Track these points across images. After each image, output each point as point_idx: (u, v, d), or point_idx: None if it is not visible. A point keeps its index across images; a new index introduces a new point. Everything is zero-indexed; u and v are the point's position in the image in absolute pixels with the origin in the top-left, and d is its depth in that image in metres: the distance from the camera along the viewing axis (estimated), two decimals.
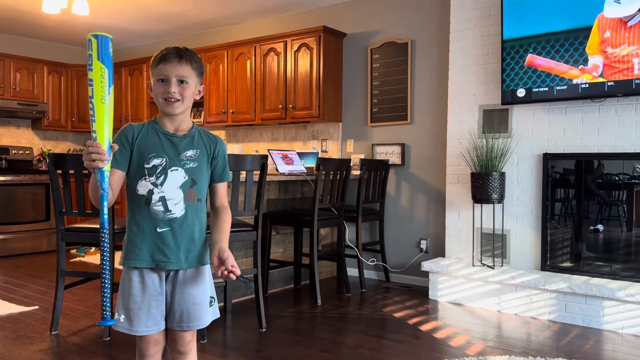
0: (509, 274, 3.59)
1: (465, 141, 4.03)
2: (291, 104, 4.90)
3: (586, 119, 3.56)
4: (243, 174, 3.15)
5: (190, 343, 1.69)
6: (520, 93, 3.67)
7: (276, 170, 4.03)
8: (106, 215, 1.46)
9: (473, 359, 2.66)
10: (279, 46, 4.99)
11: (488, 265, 3.82)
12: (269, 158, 3.76)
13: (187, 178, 1.62)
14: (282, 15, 5.41)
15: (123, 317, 1.60)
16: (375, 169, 4.33)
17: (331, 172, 3.82)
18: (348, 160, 4.04)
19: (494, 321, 3.39)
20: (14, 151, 6.10)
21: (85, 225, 3.12)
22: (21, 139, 6.38)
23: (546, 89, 3.57)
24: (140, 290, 1.60)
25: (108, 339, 2.93)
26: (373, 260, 4.66)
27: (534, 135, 3.76)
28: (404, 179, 4.58)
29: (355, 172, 4.42)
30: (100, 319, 1.48)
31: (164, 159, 1.60)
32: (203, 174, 1.67)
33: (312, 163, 4.47)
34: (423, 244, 4.44)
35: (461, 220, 4.07)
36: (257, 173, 3.17)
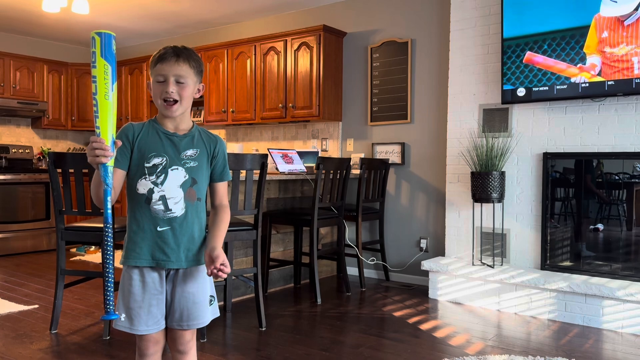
0: (508, 273, 3.59)
1: (465, 140, 4.03)
2: (291, 103, 4.90)
3: (586, 118, 3.56)
4: (243, 173, 3.15)
5: (190, 342, 1.70)
6: (521, 92, 3.66)
7: (276, 169, 4.02)
8: (110, 210, 1.48)
9: (473, 358, 2.66)
10: (279, 45, 4.99)
11: (488, 265, 3.82)
12: (269, 157, 3.76)
13: (188, 177, 1.62)
14: (282, 14, 5.40)
15: (124, 316, 1.60)
16: (375, 168, 4.33)
17: (331, 171, 3.82)
18: (348, 159, 4.04)
19: (494, 320, 3.39)
20: (13, 150, 6.10)
21: (85, 224, 3.12)
22: (21, 137, 6.38)
23: (546, 88, 3.57)
24: (141, 289, 1.60)
25: (108, 338, 2.93)
26: (373, 260, 4.66)
27: (534, 134, 3.76)
28: (404, 178, 4.58)
29: (355, 171, 4.43)
30: (104, 314, 1.49)
31: (165, 158, 1.60)
32: (203, 173, 1.67)
33: (312, 162, 4.47)
34: (423, 243, 4.45)
35: (461, 220, 4.07)
36: (257, 172, 3.17)
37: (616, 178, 3.49)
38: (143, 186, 1.59)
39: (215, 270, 1.57)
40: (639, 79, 3.23)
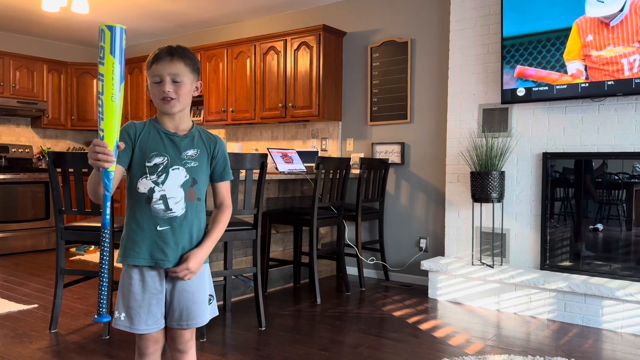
0: (508, 273, 3.59)
1: (465, 140, 4.03)
2: (291, 103, 4.90)
3: (586, 118, 3.56)
4: (243, 173, 3.15)
5: (189, 341, 1.70)
6: (520, 92, 3.66)
7: (276, 169, 4.02)
8: (109, 216, 1.46)
9: (472, 358, 2.66)
10: (279, 45, 4.99)
11: (487, 264, 3.82)
12: (269, 157, 3.76)
13: (188, 177, 1.63)
14: (282, 14, 5.40)
15: (124, 316, 1.60)
16: (375, 168, 4.33)
17: (331, 171, 3.82)
18: (348, 159, 4.04)
19: (493, 320, 3.40)
20: (13, 149, 6.10)
21: (85, 223, 3.12)
22: (21, 137, 6.38)
23: (546, 88, 3.57)
24: (141, 289, 1.60)
25: (107, 338, 2.93)
26: (372, 259, 4.66)
27: (533, 134, 3.76)
28: (403, 178, 4.58)
29: (355, 171, 4.43)
30: (96, 315, 1.48)
31: (166, 158, 1.60)
32: (203, 173, 1.67)
33: (312, 162, 4.47)
34: (422, 243, 4.45)
35: (461, 219, 4.07)
36: (257, 172, 3.17)
37: (616, 178, 3.49)
38: (144, 185, 1.59)
39: (175, 272, 1.59)
40: (639, 79, 3.23)
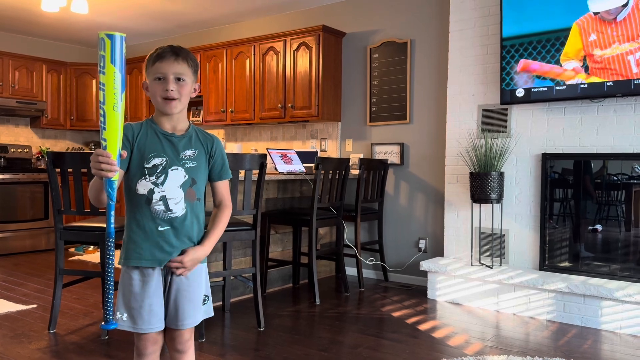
0: (507, 273, 3.59)
1: (464, 141, 4.03)
2: (290, 103, 4.90)
3: (585, 119, 3.56)
4: (242, 173, 3.15)
5: (188, 341, 1.70)
6: (520, 93, 3.67)
7: (275, 169, 4.02)
8: (113, 225, 1.45)
9: (471, 359, 2.66)
10: (278, 45, 4.99)
11: (486, 265, 3.82)
12: (268, 157, 3.76)
13: (187, 177, 1.63)
14: (282, 15, 5.40)
15: (126, 316, 1.60)
16: (374, 168, 4.33)
17: (330, 172, 3.82)
18: (347, 159, 4.04)
19: (492, 321, 3.40)
20: (12, 149, 6.09)
21: (84, 223, 3.12)
22: (20, 137, 6.37)
23: (545, 89, 3.57)
24: (141, 289, 1.60)
25: (106, 338, 2.93)
26: (372, 260, 4.66)
27: (532, 135, 3.76)
28: (402, 179, 4.59)
29: (354, 172, 4.43)
30: (103, 323, 1.48)
31: (164, 159, 1.60)
32: (202, 173, 1.67)
33: (311, 162, 4.46)
34: (422, 244, 4.45)
35: (460, 220, 4.07)
36: (256, 172, 3.17)
37: (615, 179, 3.50)
38: (143, 187, 1.59)
39: (172, 263, 1.60)
40: (638, 80, 3.23)
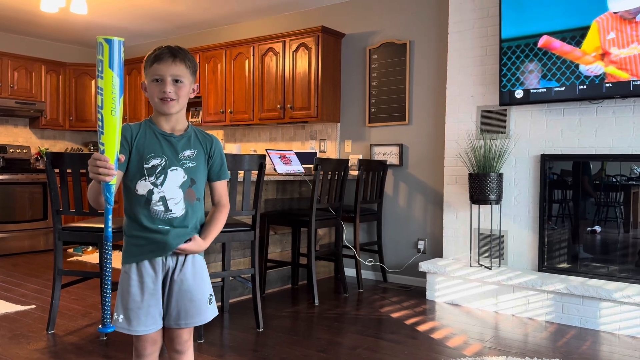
0: (506, 274, 3.59)
1: (463, 142, 4.04)
2: (289, 104, 4.90)
3: (584, 121, 3.57)
4: (241, 174, 3.15)
5: (187, 342, 1.70)
6: (519, 94, 3.67)
7: (274, 170, 4.02)
8: (110, 228, 1.45)
9: None
10: (278, 46, 4.99)
11: (485, 266, 3.82)
12: (267, 158, 3.76)
13: (187, 178, 1.63)
14: (281, 15, 5.41)
15: (122, 317, 1.60)
16: (373, 169, 4.34)
17: (329, 173, 3.82)
18: (346, 160, 4.04)
19: (491, 322, 3.40)
20: (11, 150, 6.09)
21: (83, 224, 3.11)
22: (19, 137, 6.37)
23: (544, 90, 3.57)
24: (139, 290, 1.60)
25: (105, 339, 2.92)
26: (370, 261, 4.66)
27: (531, 136, 3.76)
28: (401, 180, 4.59)
29: (353, 173, 4.43)
30: (101, 326, 1.49)
31: (164, 159, 1.60)
32: (201, 173, 1.67)
33: (310, 163, 4.46)
34: (421, 245, 4.45)
35: (459, 221, 4.07)
36: (255, 173, 3.17)
37: (613, 180, 3.50)
38: (142, 187, 1.59)
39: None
40: (637, 81, 3.23)
